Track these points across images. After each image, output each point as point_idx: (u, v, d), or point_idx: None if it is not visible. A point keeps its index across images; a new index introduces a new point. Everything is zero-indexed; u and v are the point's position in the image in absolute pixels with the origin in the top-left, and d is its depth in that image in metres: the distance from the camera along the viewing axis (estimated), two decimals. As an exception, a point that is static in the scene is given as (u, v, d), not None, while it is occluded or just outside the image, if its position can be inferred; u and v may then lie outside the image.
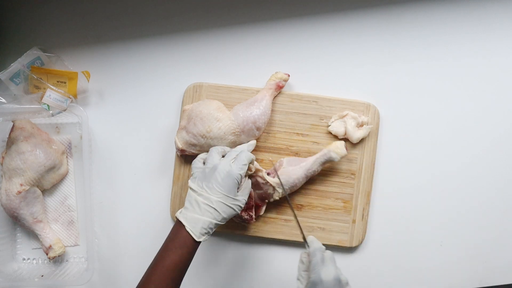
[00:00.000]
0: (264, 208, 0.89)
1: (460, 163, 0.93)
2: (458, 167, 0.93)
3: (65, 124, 0.94)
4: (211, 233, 0.77)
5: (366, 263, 0.93)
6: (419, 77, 0.93)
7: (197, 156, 0.84)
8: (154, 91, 0.94)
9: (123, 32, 0.94)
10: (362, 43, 0.93)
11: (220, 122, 0.85)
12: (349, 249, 0.93)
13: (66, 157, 0.94)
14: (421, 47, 0.92)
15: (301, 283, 0.76)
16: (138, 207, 0.94)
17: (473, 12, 0.92)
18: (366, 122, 0.90)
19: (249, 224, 0.91)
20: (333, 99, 0.91)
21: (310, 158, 0.88)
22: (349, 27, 0.93)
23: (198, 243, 0.76)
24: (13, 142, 0.89)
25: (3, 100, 0.84)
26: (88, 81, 0.92)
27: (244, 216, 0.86)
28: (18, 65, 0.88)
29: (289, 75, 0.89)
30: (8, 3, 0.94)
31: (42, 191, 0.92)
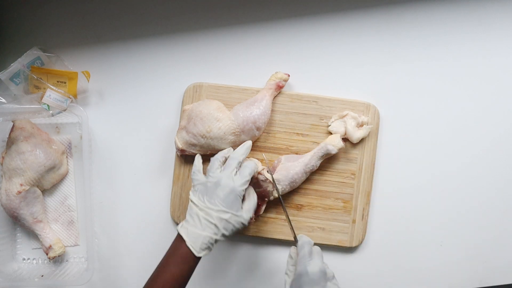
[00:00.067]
0: (264, 207, 0.89)
1: (460, 163, 0.93)
2: (458, 167, 0.93)
3: (65, 124, 0.94)
4: (212, 249, 0.76)
5: (366, 263, 0.93)
6: (419, 77, 0.93)
7: (195, 165, 0.82)
8: (154, 91, 0.94)
9: (123, 32, 0.94)
10: (362, 43, 0.93)
11: (220, 122, 0.85)
12: (349, 249, 0.93)
13: (66, 157, 0.94)
14: (421, 47, 0.92)
15: (289, 277, 0.78)
16: (138, 207, 0.94)
17: (473, 12, 0.92)
18: (366, 122, 0.90)
19: (249, 224, 0.91)
20: (333, 99, 0.91)
21: (308, 153, 0.88)
22: (349, 27, 0.93)
23: (199, 258, 0.76)
24: (13, 142, 0.89)
25: (3, 100, 0.84)
26: (88, 81, 0.92)
27: (244, 216, 0.86)
28: (18, 65, 0.88)
29: (289, 75, 0.89)
30: (8, 3, 0.94)
31: (42, 191, 0.92)
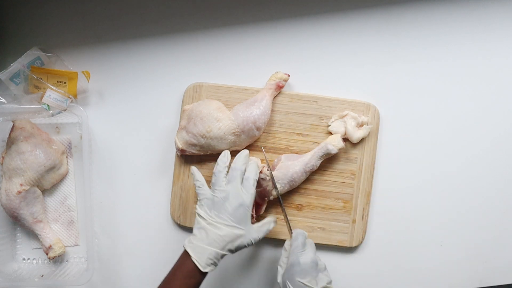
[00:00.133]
0: (265, 207, 0.89)
1: (460, 163, 0.93)
2: (458, 167, 0.93)
3: (65, 124, 0.94)
4: (217, 264, 0.76)
5: (366, 263, 0.93)
6: (419, 77, 0.93)
7: (197, 180, 0.80)
8: (154, 91, 0.94)
9: (123, 32, 0.94)
10: (362, 43, 0.93)
11: (220, 122, 0.85)
12: (349, 249, 0.93)
13: (66, 157, 0.94)
14: (421, 47, 0.92)
15: (282, 268, 0.80)
16: (138, 207, 0.94)
17: (473, 12, 0.92)
18: (366, 122, 0.90)
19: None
20: (333, 99, 0.91)
21: (308, 153, 0.88)
22: (349, 27, 0.93)
23: (205, 274, 0.76)
24: (13, 142, 0.89)
25: (3, 100, 0.84)
26: (88, 81, 0.92)
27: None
28: (18, 65, 0.88)
29: (289, 75, 0.89)
30: (8, 3, 0.94)
31: (42, 191, 0.92)
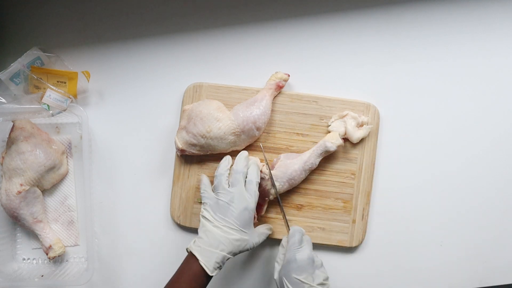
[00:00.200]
0: (265, 208, 0.89)
1: (460, 163, 0.93)
2: (458, 167, 0.93)
3: (65, 124, 0.94)
4: (222, 267, 0.78)
5: (366, 263, 0.93)
6: (419, 77, 0.93)
7: (204, 184, 0.82)
8: (154, 91, 0.94)
9: (123, 32, 0.94)
10: (362, 43, 0.93)
11: (220, 122, 0.85)
12: (349, 249, 0.93)
13: (66, 157, 0.94)
14: (421, 47, 0.92)
15: (278, 264, 0.81)
16: (138, 207, 0.94)
17: (473, 12, 0.92)
18: (366, 122, 0.90)
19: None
20: (333, 99, 0.91)
21: (307, 151, 0.88)
22: (349, 27, 0.93)
23: (210, 277, 0.77)
24: (13, 142, 0.89)
25: (3, 100, 0.84)
26: (88, 81, 0.92)
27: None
28: (18, 65, 0.88)
29: (289, 75, 0.89)
30: (8, 3, 0.94)
31: (42, 191, 0.92)
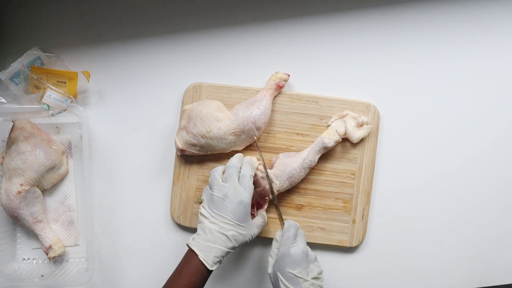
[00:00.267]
0: (266, 207, 0.88)
1: (460, 163, 0.93)
2: (458, 167, 0.93)
3: (65, 124, 0.94)
4: (222, 262, 0.78)
5: (366, 263, 0.93)
6: (419, 77, 0.93)
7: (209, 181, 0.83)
8: (154, 91, 0.94)
9: (123, 32, 0.94)
10: (362, 43, 0.93)
11: (220, 122, 0.85)
12: (349, 249, 0.93)
13: (66, 157, 0.94)
14: (421, 47, 0.92)
15: (272, 259, 0.81)
16: (138, 207, 0.94)
17: (473, 12, 0.92)
18: (366, 122, 0.90)
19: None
20: (333, 99, 0.91)
21: (306, 149, 0.88)
22: (349, 27, 0.93)
23: (210, 272, 0.77)
24: (13, 142, 0.89)
25: (3, 100, 0.84)
26: (88, 81, 0.92)
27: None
28: (18, 65, 0.88)
29: (289, 75, 0.89)
30: (8, 3, 0.94)
31: (42, 191, 0.92)
